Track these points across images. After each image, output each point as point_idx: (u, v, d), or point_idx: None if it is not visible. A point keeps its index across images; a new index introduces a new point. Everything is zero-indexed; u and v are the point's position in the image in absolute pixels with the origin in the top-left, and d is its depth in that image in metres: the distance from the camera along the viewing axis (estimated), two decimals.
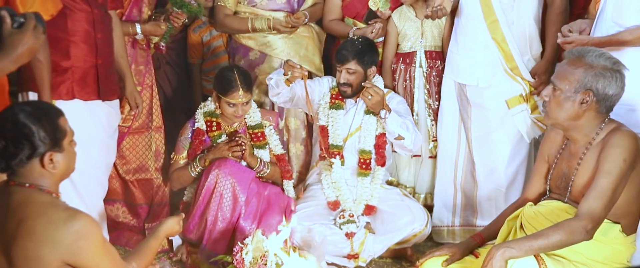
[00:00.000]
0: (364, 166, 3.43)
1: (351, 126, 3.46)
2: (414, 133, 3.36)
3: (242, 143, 3.26)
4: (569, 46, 2.78)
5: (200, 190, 3.23)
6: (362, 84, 3.32)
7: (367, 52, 3.38)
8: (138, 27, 3.31)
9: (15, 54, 1.91)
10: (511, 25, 3.34)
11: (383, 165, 3.46)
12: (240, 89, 3.24)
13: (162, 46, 3.56)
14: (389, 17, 3.76)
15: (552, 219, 2.45)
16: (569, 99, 2.37)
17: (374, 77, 3.47)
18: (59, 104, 2.85)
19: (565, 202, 2.51)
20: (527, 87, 3.40)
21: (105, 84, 2.99)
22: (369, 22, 3.73)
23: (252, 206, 3.25)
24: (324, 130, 3.46)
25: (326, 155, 3.43)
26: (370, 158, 3.44)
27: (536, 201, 2.63)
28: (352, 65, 3.37)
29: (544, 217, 2.49)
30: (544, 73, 3.35)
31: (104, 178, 3.17)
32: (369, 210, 3.43)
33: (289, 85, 3.30)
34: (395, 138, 3.35)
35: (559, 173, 2.55)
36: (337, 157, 3.42)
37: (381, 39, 3.77)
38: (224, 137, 3.39)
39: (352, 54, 3.35)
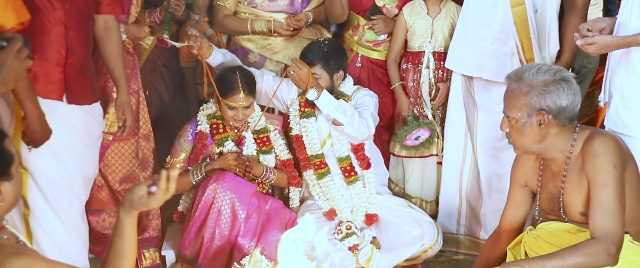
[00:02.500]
0: (346, 174, 3.22)
1: (322, 133, 3.23)
2: (353, 117, 3.07)
3: (249, 170, 3.08)
4: (591, 48, 2.56)
5: (196, 204, 3.01)
6: (291, 59, 3.13)
7: (333, 56, 3.17)
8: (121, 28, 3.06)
9: (1, 76, 1.78)
10: (535, 12, 3.11)
11: (368, 167, 3.24)
12: (242, 92, 3.04)
13: (166, 38, 3.34)
14: (395, 15, 3.55)
15: (554, 242, 2.26)
16: (526, 124, 2.23)
17: (340, 81, 3.24)
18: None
19: (566, 222, 2.31)
20: None
21: (74, 85, 2.73)
22: (372, 17, 3.53)
23: (252, 222, 3.03)
24: (299, 140, 3.25)
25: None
26: (350, 164, 3.23)
27: (515, 230, 2.44)
28: (317, 70, 3.15)
29: (545, 241, 2.30)
30: None
31: (80, 192, 2.87)
32: (370, 219, 3.21)
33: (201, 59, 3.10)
34: (332, 123, 3.11)
35: (548, 196, 2.36)
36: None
37: (383, 37, 3.56)
38: (229, 141, 3.18)
39: (317, 58, 3.14)
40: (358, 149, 3.24)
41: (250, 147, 3.19)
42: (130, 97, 3.17)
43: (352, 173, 3.22)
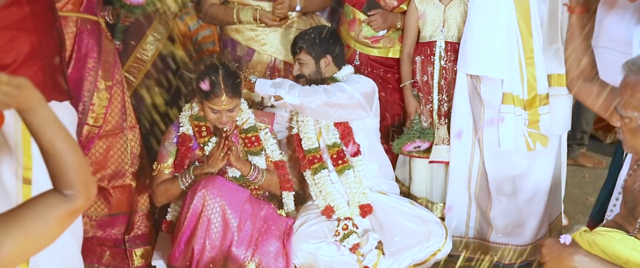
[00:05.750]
0: (334, 162, 3.04)
1: (316, 126, 3.07)
2: (292, 88, 2.92)
3: (230, 145, 2.82)
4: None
5: (185, 213, 2.72)
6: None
7: (319, 42, 3.04)
8: None
9: None
10: (542, 1, 2.85)
11: (355, 154, 3.04)
12: (224, 94, 2.76)
13: (118, 45, 3.18)
14: (394, 7, 3.31)
15: (611, 254, 1.90)
16: None
17: (329, 67, 3.09)
18: None
19: (633, 235, 1.95)
20: (526, 93, 2.89)
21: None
22: (369, 13, 3.28)
23: (246, 231, 2.75)
24: (297, 138, 3.08)
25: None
26: (340, 151, 3.03)
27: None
28: (302, 56, 3.06)
29: (601, 250, 1.93)
30: None
31: None
32: (363, 210, 3.01)
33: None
34: (275, 102, 2.99)
35: (630, 196, 1.99)
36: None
37: (382, 33, 3.32)
38: (214, 139, 2.92)
39: (302, 44, 3.05)
40: (345, 135, 3.06)
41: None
42: (114, 87, 2.99)
43: (340, 162, 3.04)
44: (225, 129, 2.95)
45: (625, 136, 1.91)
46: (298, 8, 3.25)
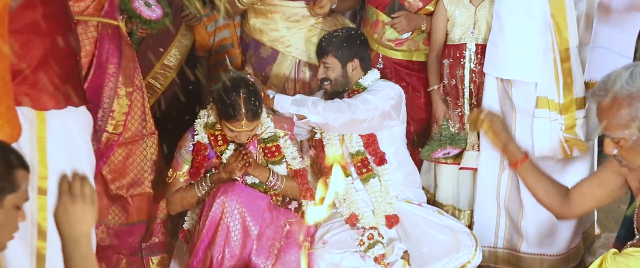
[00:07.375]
0: (358, 171, 2.98)
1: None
2: (316, 106, 2.85)
3: (248, 162, 2.73)
4: None
5: (203, 220, 2.64)
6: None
7: (346, 44, 2.98)
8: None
9: None
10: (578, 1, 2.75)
11: (380, 163, 2.96)
12: (244, 119, 2.64)
13: None
14: (419, 9, 3.22)
15: None
16: (639, 141, 1.87)
17: (356, 71, 3.03)
18: (52, 115, 2.29)
19: None
20: (562, 96, 2.80)
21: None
22: (392, 15, 3.20)
23: (267, 239, 2.68)
24: (320, 143, 3.02)
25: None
26: (364, 159, 2.97)
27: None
28: (329, 59, 3.00)
29: None
30: None
31: None
32: (390, 221, 2.93)
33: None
34: (298, 121, 2.92)
35: None
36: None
37: (406, 35, 3.23)
38: (231, 147, 2.83)
39: (329, 47, 2.99)
40: (369, 144, 2.99)
41: None
42: (134, 93, 2.93)
43: (364, 170, 2.97)
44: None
45: (627, 158, 1.91)
46: (334, 6, 3.21)
